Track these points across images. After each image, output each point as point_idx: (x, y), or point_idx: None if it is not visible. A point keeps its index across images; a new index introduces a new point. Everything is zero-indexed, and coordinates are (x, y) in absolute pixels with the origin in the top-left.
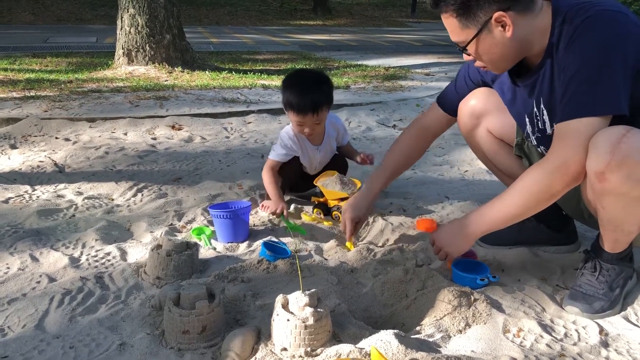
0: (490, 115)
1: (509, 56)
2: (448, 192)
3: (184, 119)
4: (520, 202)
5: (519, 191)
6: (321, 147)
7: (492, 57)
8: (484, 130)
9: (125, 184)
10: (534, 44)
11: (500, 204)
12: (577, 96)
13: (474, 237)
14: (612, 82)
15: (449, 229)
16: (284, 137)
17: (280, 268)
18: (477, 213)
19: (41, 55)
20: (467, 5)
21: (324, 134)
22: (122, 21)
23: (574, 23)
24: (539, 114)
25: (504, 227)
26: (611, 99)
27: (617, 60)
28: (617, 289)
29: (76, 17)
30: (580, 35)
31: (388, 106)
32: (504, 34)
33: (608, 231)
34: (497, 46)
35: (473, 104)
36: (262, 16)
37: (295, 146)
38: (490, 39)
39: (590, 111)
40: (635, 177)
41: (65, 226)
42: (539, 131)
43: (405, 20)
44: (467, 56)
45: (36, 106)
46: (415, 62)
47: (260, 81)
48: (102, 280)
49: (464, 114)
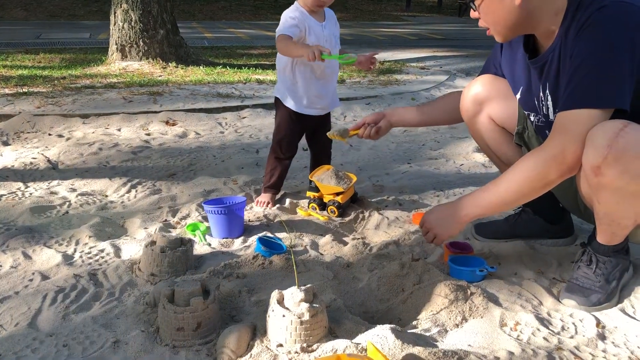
0: (493, 102)
1: (512, 24)
2: (444, 185)
3: (178, 115)
4: (515, 188)
5: (513, 177)
6: (325, 24)
7: (495, 19)
8: (485, 116)
9: (119, 180)
10: (542, 22)
11: (494, 189)
12: (580, 87)
13: (465, 221)
14: (616, 76)
15: (440, 211)
16: (285, 16)
17: (276, 263)
18: (470, 197)
19: (34, 51)
20: None
21: (325, 13)
22: (115, 17)
23: (588, 11)
24: (544, 98)
25: (496, 212)
26: (614, 93)
27: (624, 55)
28: (613, 282)
29: (69, 13)
30: (591, 25)
31: (383, 100)
32: (513, 0)
33: (604, 225)
34: (503, 10)
35: (476, 90)
36: (256, 11)
37: (300, 17)
38: (499, 1)
39: (592, 103)
40: (631, 171)
41: (58, 223)
42: (543, 116)
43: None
44: (473, 12)
45: (29, 102)
46: (410, 56)
47: (255, 76)
48: (95, 277)
49: (466, 99)
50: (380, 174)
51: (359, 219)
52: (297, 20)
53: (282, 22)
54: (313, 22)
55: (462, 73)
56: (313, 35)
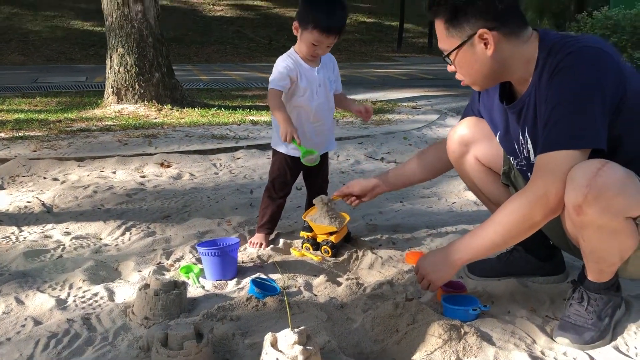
0: (478, 144)
1: (486, 74)
2: (437, 224)
3: (173, 156)
4: (502, 231)
5: (500, 221)
6: (319, 69)
7: (470, 71)
8: (472, 157)
9: (113, 223)
10: (516, 70)
11: (482, 233)
12: (556, 129)
13: (457, 266)
14: (590, 118)
15: (432, 257)
16: (277, 63)
17: (270, 305)
18: (460, 242)
19: (30, 95)
20: (455, 16)
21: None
22: (111, 60)
23: (557, 57)
24: (524, 142)
25: (487, 255)
26: (589, 133)
27: (596, 96)
28: (606, 319)
29: (66, 57)
30: (562, 70)
31: (376, 139)
32: (485, 52)
33: (591, 262)
34: (476, 62)
35: (462, 132)
36: (251, 53)
37: (292, 65)
38: (471, 53)
39: (569, 144)
40: (612, 209)
41: (52, 267)
42: (524, 159)
43: (392, 55)
44: (450, 66)
45: (25, 146)
46: (402, 96)
47: (249, 117)
48: (89, 321)
49: (452, 141)
50: (374, 213)
51: (352, 258)
52: (288, 70)
53: (274, 72)
54: (306, 68)
55: (452, 112)
56: (305, 79)
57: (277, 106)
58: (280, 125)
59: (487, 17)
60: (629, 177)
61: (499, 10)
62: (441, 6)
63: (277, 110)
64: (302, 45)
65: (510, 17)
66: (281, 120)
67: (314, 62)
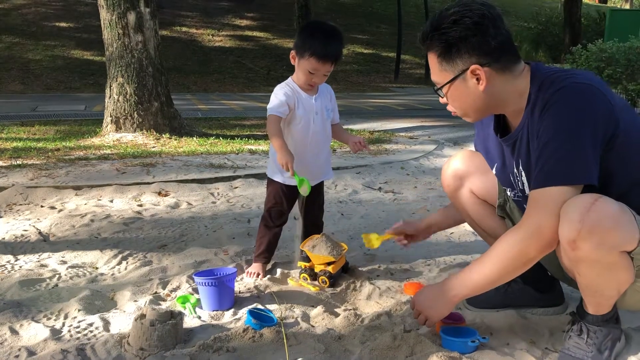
0: (473, 177)
1: (479, 108)
2: (435, 254)
3: (171, 185)
4: (498, 267)
5: (496, 256)
6: (317, 97)
7: (461, 105)
8: (467, 191)
9: (109, 252)
10: (508, 103)
11: (479, 269)
12: (548, 165)
13: (454, 301)
14: (582, 153)
15: (429, 293)
16: (276, 91)
17: (266, 336)
18: (457, 277)
19: (29, 123)
20: (449, 51)
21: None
22: (110, 89)
23: (548, 92)
24: (518, 174)
25: (484, 291)
26: (581, 169)
27: (586, 132)
28: (605, 351)
29: (65, 86)
30: (553, 106)
31: (373, 169)
32: (477, 87)
33: (588, 296)
34: (468, 96)
35: (455, 166)
36: (249, 83)
37: (290, 92)
38: (464, 88)
39: (562, 180)
40: (606, 244)
41: (47, 296)
42: (520, 190)
43: (389, 85)
44: (442, 99)
45: (22, 175)
46: (399, 126)
47: (247, 146)
48: (83, 352)
49: (447, 175)
50: None
51: (350, 289)
52: (287, 97)
53: (273, 99)
54: (303, 96)
55: (450, 142)
56: (302, 107)
57: (275, 132)
58: (277, 153)
59: (480, 53)
60: (622, 211)
61: (492, 47)
62: (434, 41)
63: (275, 136)
64: (300, 73)
65: (503, 53)
66: (278, 148)
67: (311, 91)
